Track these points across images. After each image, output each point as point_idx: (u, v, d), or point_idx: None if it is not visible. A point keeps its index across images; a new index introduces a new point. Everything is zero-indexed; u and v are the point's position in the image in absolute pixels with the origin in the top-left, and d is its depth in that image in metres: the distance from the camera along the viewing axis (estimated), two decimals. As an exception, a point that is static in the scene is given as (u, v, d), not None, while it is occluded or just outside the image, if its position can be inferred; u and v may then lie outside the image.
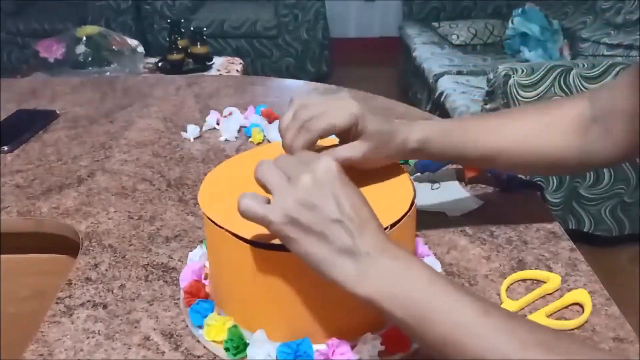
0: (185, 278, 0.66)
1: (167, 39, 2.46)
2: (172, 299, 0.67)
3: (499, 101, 1.86)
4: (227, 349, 0.58)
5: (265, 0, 3.57)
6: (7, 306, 0.87)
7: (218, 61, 2.58)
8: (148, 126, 1.13)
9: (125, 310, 0.65)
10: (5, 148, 1.04)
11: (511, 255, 0.72)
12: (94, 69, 2.29)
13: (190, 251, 0.73)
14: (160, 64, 2.49)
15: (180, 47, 2.43)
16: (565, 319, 0.62)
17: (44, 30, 3.32)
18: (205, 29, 2.55)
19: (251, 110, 1.13)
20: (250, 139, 1.05)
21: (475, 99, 2.28)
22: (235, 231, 0.54)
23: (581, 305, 0.64)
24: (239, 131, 1.07)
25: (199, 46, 2.48)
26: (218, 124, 1.10)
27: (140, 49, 2.40)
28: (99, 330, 0.62)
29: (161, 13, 3.48)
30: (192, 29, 2.54)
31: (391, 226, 0.55)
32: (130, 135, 1.09)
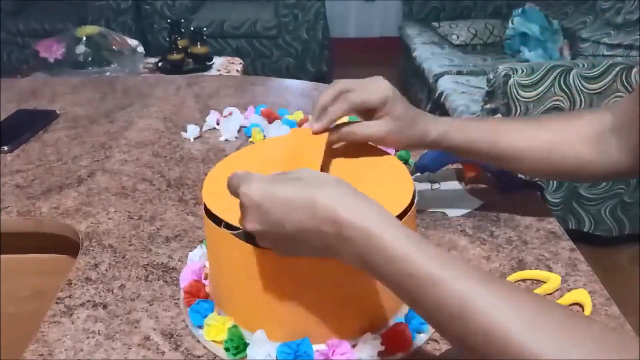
0: (185, 278, 0.66)
1: (167, 39, 2.46)
2: (172, 299, 0.67)
3: (499, 101, 1.86)
4: (227, 349, 0.58)
5: (265, 0, 3.57)
6: (7, 306, 0.87)
7: (218, 61, 2.57)
8: (148, 126, 1.13)
9: (125, 310, 0.65)
10: (5, 148, 1.04)
11: (511, 255, 0.72)
12: (94, 69, 2.29)
13: (190, 251, 0.73)
14: (160, 64, 2.49)
15: (180, 47, 2.43)
16: (565, 319, 0.62)
17: (44, 30, 3.31)
18: (205, 29, 2.55)
19: (251, 110, 1.13)
20: (250, 139, 1.05)
21: (475, 99, 2.28)
22: (234, 223, 0.54)
23: (581, 305, 0.64)
24: (239, 131, 1.07)
25: (199, 46, 2.47)
26: (218, 124, 1.10)
27: (140, 49, 2.39)
28: (99, 330, 0.62)
29: (161, 13, 3.48)
30: (192, 29, 2.54)
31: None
32: (130, 135, 1.09)
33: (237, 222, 0.54)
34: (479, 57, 2.82)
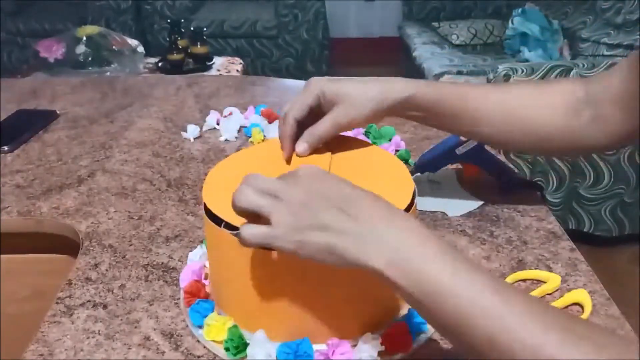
0: (185, 278, 0.66)
1: (167, 39, 2.46)
2: (172, 299, 0.67)
3: (499, 101, 1.86)
4: (227, 349, 0.58)
5: (265, 0, 3.57)
6: (7, 306, 0.87)
7: (218, 61, 2.57)
8: (148, 126, 1.13)
9: (125, 310, 0.65)
10: (6, 148, 1.04)
11: (511, 255, 0.72)
12: (94, 69, 2.29)
13: (190, 251, 0.73)
14: (160, 64, 2.49)
15: (180, 47, 2.43)
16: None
17: (44, 30, 3.31)
18: (205, 29, 2.55)
19: (251, 110, 1.13)
20: (250, 139, 1.05)
21: (475, 99, 2.27)
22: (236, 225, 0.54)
23: (581, 305, 0.64)
24: (239, 131, 1.07)
25: (199, 46, 2.47)
26: (218, 124, 1.10)
27: (141, 49, 2.39)
28: (99, 330, 0.62)
29: (161, 13, 3.47)
30: (192, 29, 2.54)
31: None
32: (130, 135, 1.09)
33: (238, 222, 0.54)
34: (479, 57, 2.82)
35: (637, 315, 1.21)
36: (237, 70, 2.52)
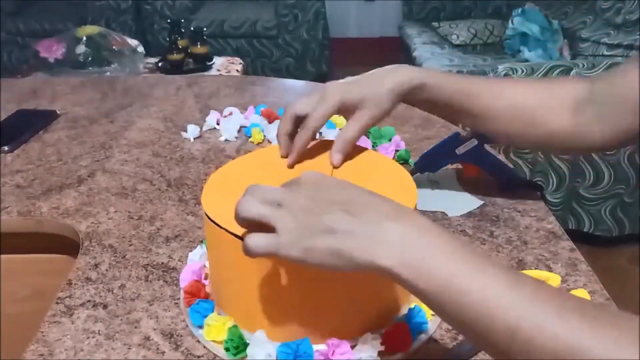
0: (185, 278, 0.66)
1: (167, 39, 2.46)
2: (172, 299, 0.67)
3: (499, 101, 1.86)
4: (227, 349, 0.58)
5: (265, 0, 3.57)
6: (7, 306, 0.87)
7: (218, 61, 2.57)
8: (148, 126, 1.13)
9: (126, 310, 0.65)
10: (6, 148, 1.04)
11: (511, 255, 0.72)
12: (94, 69, 2.29)
13: (190, 251, 0.73)
14: (160, 64, 2.49)
15: (180, 47, 2.43)
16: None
17: (44, 30, 3.31)
18: (205, 29, 2.55)
19: (251, 110, 1.13)
20: (250, 139, 1.05)
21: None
22: (235, 231, 0.54)
23: (581, 305, 0.64)
24: (239, 131, 1.07)
25: (199, 46, 2.47)
26: (218, 124, 1.10)
27: (141, 49, 2.39)
28: (99, 330, 0.62)
29: (161, 13, 3.48)
30: (192, 29, 2.54)
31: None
32: (130, 135, 1.09)
33: (235, 227, 0.54)
34: (479, 57, 2.82)
35: (637, 315, 1.21)
36: (237, 70, 2.52)
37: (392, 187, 0.62)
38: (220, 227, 0.56)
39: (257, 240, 0.48)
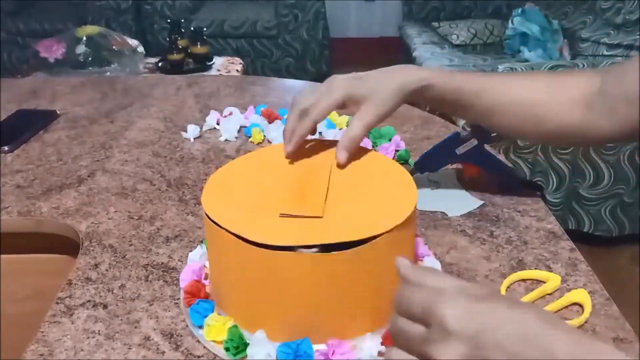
0: (185, 278, 0.66)
1: (167, 39, 2.46)
2: (172, 299, 0.67)
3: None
4: (227, 349, 0.58)
5: (265, 0, 3.57)
6: (7, 306, 0.87)
7: (218, 61, 2.58)
8: (148, 126, 1.13)
9: (126, 310, 0.65)
10: (6, 148, 1.04)
11: (511, 255, 0.72)
12: (94, 69, 2.29)
13: (190, 251, 0.73)
14: (160, 64, 2.49)
15: (180, 47, 2.43)
16: (566, 319, 0.62)
17: (44, 30, 3.31)
18: (205, 29, 2.55)
19: (251, 110, 1.13)
20: (250, 139, 1.05)
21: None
22: (235, 231, 0.54)
23: (581, 305, 0.64)
24: (239, 131, 1.07)
25: (199, 46, 2.48)
26: (218, 124, 1.10)
27: (141, 49, 2.39)
28: (99, 330, 0.62)
29: (161, 13, 3.48)
30: (192, 29, 2.54)
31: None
32: (130, 135, 1.09)
33: (234, 227, 0.54)
34: (479, 57, 2.82)
35: (637, 315, 1.21)
36: (237, 70, 2.52)
37: (392, 187, 0.62)
38: (220, 227, 0.56)
39: None
